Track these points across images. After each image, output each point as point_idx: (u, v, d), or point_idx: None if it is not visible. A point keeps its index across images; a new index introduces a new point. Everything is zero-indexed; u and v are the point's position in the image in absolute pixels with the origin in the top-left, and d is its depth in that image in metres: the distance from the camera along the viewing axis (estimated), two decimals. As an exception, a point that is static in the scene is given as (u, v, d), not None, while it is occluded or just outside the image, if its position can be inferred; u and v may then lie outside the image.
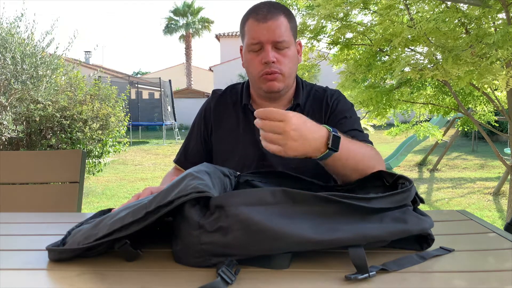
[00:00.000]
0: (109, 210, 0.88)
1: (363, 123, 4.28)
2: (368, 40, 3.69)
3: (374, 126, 4.40)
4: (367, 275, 0.63)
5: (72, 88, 6.10)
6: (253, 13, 1.13)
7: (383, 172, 0.89)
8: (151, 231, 0.80)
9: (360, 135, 1.15)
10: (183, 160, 1.31)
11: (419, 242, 0.78)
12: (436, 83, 3.93)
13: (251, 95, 1.26)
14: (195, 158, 1.29)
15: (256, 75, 1.15)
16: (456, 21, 2.91)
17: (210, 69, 23.63)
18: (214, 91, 1.32)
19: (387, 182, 0.87)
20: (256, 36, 1.11)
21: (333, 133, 0.86)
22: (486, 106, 4.15)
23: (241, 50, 1.23)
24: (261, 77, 1.14)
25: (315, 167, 1.16)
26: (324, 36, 3.82)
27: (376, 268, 0.65)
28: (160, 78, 13.54)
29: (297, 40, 1.19)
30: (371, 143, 1.15)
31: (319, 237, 0.65)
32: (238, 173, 0.98)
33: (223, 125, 1.25)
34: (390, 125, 4.89)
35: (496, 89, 3.74)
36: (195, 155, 1.30)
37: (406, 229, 0.72)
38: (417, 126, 4.92)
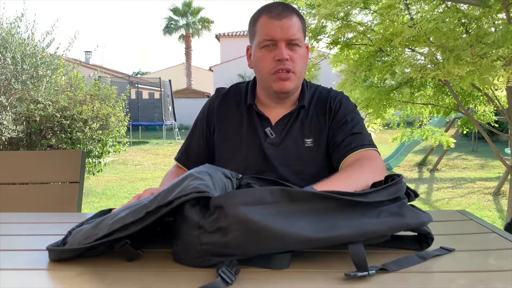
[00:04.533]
0: (110, 210, 0.88)
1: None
2: (369, 40, 3.69)
3: (374, 131, 4.39)
4: (366, 273, 0.63)
5: (72, 88, 6.10)
6: (266, 11, 1.13)
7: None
8: (151, 231, 0.80)
9: (357, 139, 1.13)
10: (185, 158, 1.30)
11: (419, 242, 0.78)
12: (436, 83, 3.93)
13: (256, 95, 1.25)
14: (196, 157, 1.28)
15: (267, 73, 1.14)
16: (456, 21, 2.91)
17: (210, 69, 23.62)
18: (217, 90, 1.31)
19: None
20: (269, 33, 1.10)
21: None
22: (486, 106, 4.15)
23: (247, 50, 1.21)
24: (273, 74, 1.13)
25: (317, 171, 1.16)
26: (324, 36, 3.82)
27: (376, 268, 0.65)
28: (160, 78, 13.54)
29: (305, 42, 1.19)
30: (372, 144, 1.14)
31: (318, 235, 0.65)
32: (240, 175, 0.98)
33: (226, 125, 1.24)
34: (392, 126, 4.88)
35: (496, 89, 3.74)
36: (196, 154, 1.28)
37: (404, 222, 0.72)
38: (422, 130, 4.91)
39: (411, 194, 0.80)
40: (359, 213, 0.71)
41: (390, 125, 4.47)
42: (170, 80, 14.36)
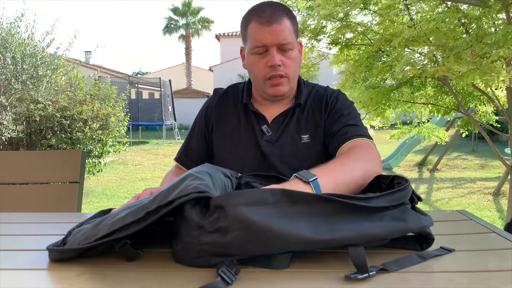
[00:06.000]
0: (110, 210, 0.88)
1: (364, 124, 4.23)
2: (368, 40, 3.69)
3: (373, 128, 4.39)
4: (366, 274, 0.63)
5: (72, 88, 6.10)
6: (255, 16, 1.11)
7: (380, 176, 0.89)
8: (151, 231, 0.80)
9: (353, 129, 1.12)
10: (184, 158, 1.32)
11: (419, 242, 0.78)
12: (436, 83, 3.93)
13: (252, 94, 1.26)
14: (195, 156, 1.29)
15: (261, 78, 1.15)
16: (456, 21, 2.91)
17: (210, 69, 23.61)
18: (215, 90, 1.32)
19: (383, 184, 0.87)
20: (260, 39, 1.10)
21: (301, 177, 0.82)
22: (486, 106, 4.15)
23: (241, 51, 1.23)
24: (267, 80, 1.14)
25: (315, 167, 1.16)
26: (324, 36, 3.82)
27: (376, 268, 0.65)
28: (160, 78, 13.54)
29: (298, 40, 1.19)
30: (368, 136, 1.13)
31: (318, 237, 0.65)
32: (239, 174, 0.98)
33: (224, 124, 1.25)
34: (391, 125, 4.88)
35: (496, 88, 3.74)
36: (195, 154, 1.30)
37: (405, 227, 0.72)
38: (420, 128, 4.91)
39: (415, 199, 0.79)
40: (361, 216, 0.70)
41: (390, 125, 4.46)
42: (170, 80, 14.35)
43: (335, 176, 0.87)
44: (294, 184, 0.81)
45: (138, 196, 0.90)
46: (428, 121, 5.25)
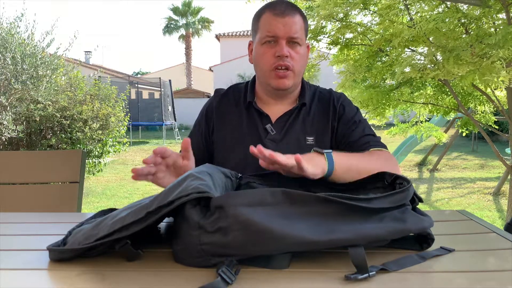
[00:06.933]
0: (110, 210, 0.88)
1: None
2: (368, 40, 3.69)
3: (373, 126, 4.38)
4: (367, 275, 0.63)
5: (72, 88, 6.10)
6: (270, 8, 1.15)
7: (384, 172, 0.89)
8: (151, 231, 0.80)
9: (372, 140, 1.17)
10: None
11: (419, 242, 0.78)
12: (436, 83, 3.93)
13: (255, 93, 1.26)
14: (196, 157, 1.29)
15: (267, 69, 1.16)
16: (456, 21, 2.91)
17: (210, 69, 23.62)
18: (217, 90, 1.32)
19: (386, 181, 0.87)
20: (272, 29, 1.13)
21: (326, 153, 0.95)
22: (486, 106, 4.15)
23: (249, 45, 1.24)
24: (272, 71, 1.15)
25: None
26: (324, 37, 3.82)
27: (376, 268, 0.65)
28: (160, 78, 13.54)
29: (306, 42, 1.22)
30: (384, 146, 1.17)
31: (318, 238, 0.65)
32: (239, 174, 0.98)
33: (225, 124, 1.25)
34: (389, 124, 4.88)
35: (496, 89, 3.74)
36: (196, 154, 1.29)
37: (405, 228, 0.72)
38: (417, 127, 4.91)
39: (416, 200, 0.79)
40: (361, 217, 0.70)
41: (383, 127, 4.46)
42: (170, 80, 14.34)
43: (350, 159, 0.98)
44: (309, 154, 0.92)
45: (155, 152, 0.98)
46: (426, 121, 5.24)
